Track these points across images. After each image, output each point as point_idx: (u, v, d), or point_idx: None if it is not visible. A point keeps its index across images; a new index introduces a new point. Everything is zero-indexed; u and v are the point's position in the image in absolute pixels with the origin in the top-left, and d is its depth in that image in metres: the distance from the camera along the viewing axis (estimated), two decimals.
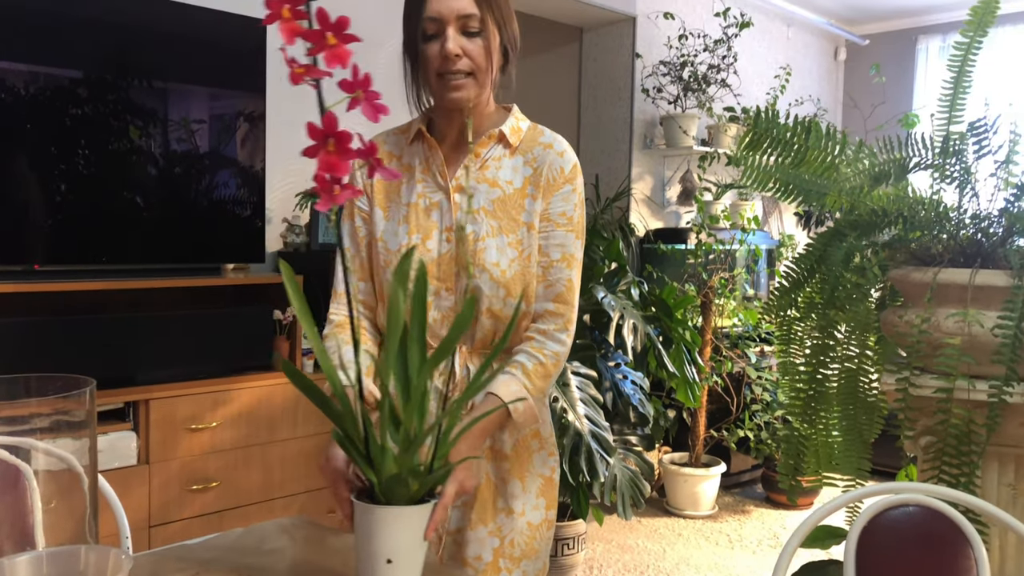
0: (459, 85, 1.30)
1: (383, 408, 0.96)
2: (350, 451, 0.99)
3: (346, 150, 0.85)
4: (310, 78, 0.84)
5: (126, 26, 2.58)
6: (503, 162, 1.38)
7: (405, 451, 0.97)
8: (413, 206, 1.37)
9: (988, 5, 1.71)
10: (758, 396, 4.08)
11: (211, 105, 2.83)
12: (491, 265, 1.33)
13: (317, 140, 0.86)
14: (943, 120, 1.77)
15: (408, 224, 1.36)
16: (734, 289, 4.16)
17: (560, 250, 1.36)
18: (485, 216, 1.35)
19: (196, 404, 2.50)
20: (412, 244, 1.35)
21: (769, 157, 1.87)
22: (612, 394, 3.08)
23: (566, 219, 1.36)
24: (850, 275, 1.79)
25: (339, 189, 0.86)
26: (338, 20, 0.84)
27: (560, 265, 1.36)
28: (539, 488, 1.43)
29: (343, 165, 0.86)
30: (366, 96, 0.87)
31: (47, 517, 0.91)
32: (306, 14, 0.84)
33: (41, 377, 0.90)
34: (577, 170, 1.39)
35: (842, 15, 5.80)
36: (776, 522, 3.85)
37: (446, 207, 1.36)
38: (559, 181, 1.37)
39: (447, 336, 1.02)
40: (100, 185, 2.52)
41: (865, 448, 1.83)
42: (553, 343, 1.35)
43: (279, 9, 0.83)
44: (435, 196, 1.37)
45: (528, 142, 1.40)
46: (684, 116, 4.52)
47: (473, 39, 1.29)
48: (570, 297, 1.37)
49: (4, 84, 2.32)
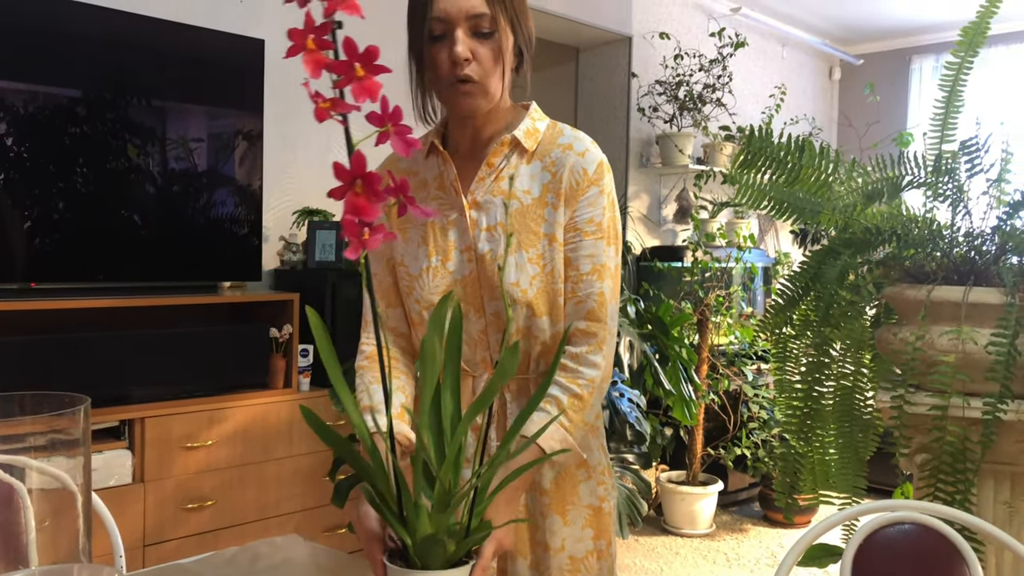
0: (469, 91, 1.19)
1: (416, 464, 0.90)
2: (381, 510, 0.92)
3: (375, 192, 0.79)
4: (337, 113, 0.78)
5: (125, 45, 2.59)
6: (520, 170, 1.26)
7: (440, 509, 0.90)
8: (431, 226, 1.28)
9: (979, 26, 1.73)
10: (755, 414, 4.08)
11: (209, 124, 2.84)
12: (510, 285, 1.23)
13: (344, 181, 0.79)
14: (935, 139, 1.78)
15: (427, 246, 1.27)
16: (730, 307, 4.17)
17: (590, 261, 1.23)
18: (503, 232, 1.24)
19: (192, 422, 2.49)
20: (432, 266, 1.27)
21: (763, 175, 1.88)
22: (609, 412, 3.08)
23: (595, 225, 1.24)
24: (845, 293, 1.79)
25: (368, 233, 0.79)
26: (367, 50, 0.78)
27: (591, 278, 1.23)
28: (585, 520, 1.31)
29: (372, 208, 0.79)
30: (396, 130, 0.80)
31: (40, 536, 0.91)
32: (332, 44, 0.78)
33: (35, 395, 0.90)
34: (604, 168, 1.27)
35: (836, 35, 5.85)
36: (774, 540, 3.84)
37: (463, 225, 1.26)
38: (583, 184, 1.24)
39: (487, 387, 0.94)
40: (98, 203, 2.53)
41: (861, 466, 1.83)
42: (587, 368, 1.22)
43: (303, 40, 0.77)
44: (451, 214, 1.27)
45: (546, 144, 1.28)
46: (680, 135, 4.54)
47: (484, 41, 1.18)
48: (602, 313, 1.24)
49: (3, 103, 2.33)
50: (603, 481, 1.34)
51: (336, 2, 0.77)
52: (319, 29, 0.77)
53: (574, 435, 1.20)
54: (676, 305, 3.93)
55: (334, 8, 0.77)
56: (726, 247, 4.28)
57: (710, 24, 5.02)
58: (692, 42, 4.88)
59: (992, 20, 1.74)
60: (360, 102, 0.78)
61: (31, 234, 2.41)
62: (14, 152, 2.36)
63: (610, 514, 1.35)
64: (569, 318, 1.25)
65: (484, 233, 1.25)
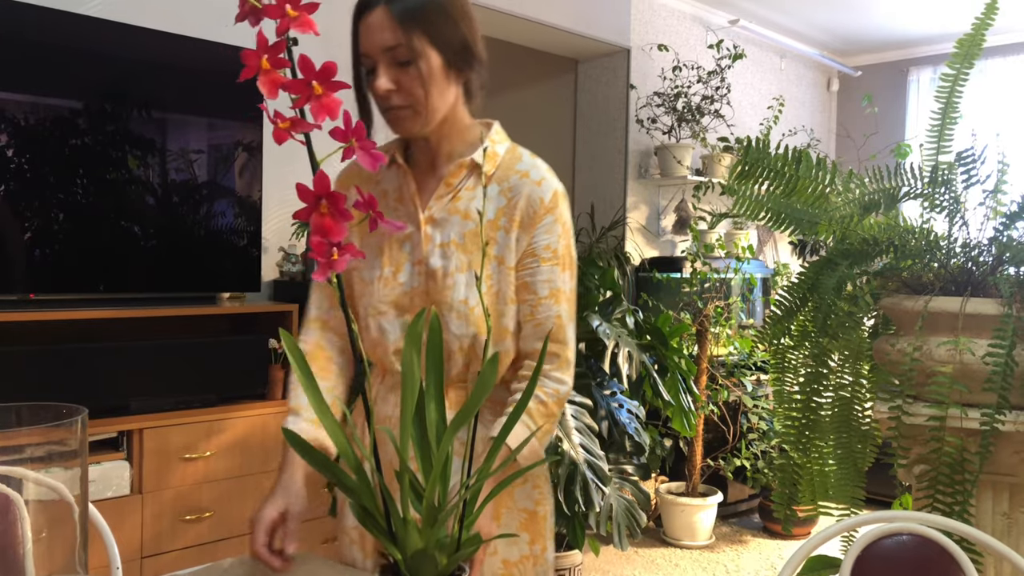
0: (400, 116, 1.24)
1: (403, 478, 0.90)
2: (370, 526, 0.92)
3: (341, 211, 0.78)
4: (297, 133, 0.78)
5: (126, 57, 2.60)
6: (477, 191, 1.29)
7: (430, 524, 0.90)
8: (387, 236, 1.32)
9: (974, 38, 1.74)
10: (754, 425, 4.07)
11: (209, 135, 2.85)
12: (458, 302, 1.26)
13: (309, 202, 0.79)
14: (932, 150, 1.79)
15: (382, 256, 1.31)
16: (729, 318, 4.17)
17: (548, 286, 1.28)
18: (456, 250, 1.28)
19: (190, 433, 2.49)
20: (384, 276, 1.30)
21: (761, 187, 1.88)
22: (608, 423, 3.08)
23: (551, 252, 1.28)
24: (842, 303, 1.80)
25: (337, 253, 0.79)
26: (324, 67, 0.77)
27: (548, 302, 1.28)
28: (520, 523, 1.33)
29: (339, 227, 0.79)
30: (361, 145, 0.80)
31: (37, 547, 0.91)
32: (288, 62, 0.77)
33: (33, 406, 0.90)
34: (559, 197, 1.30)
35: (834, 47, 5.87)
36: (773, 552, 3.82)
37: (417, 239, 1.29)
38: (540, 213, 1.28)
39: (470, 398, 0.94)
40: (98, 214, 2.53)
41: (859, 477, 1.82)
42: (552, 381, 1.28)
43: (257, 61, 0.76)
44: (407, 228, 1.30)
45: (504, 169, 1.30)
46: (678, 146, 4.56)
47: (406, 69, 1.20)
48: (562, 334, 1.29)
49: (4, 114, 2.34)
50: (539, 485, 1.36)
51: (289, 20, 0.76)
52: (273, 48, 0.76)
53: (541, 442, 1.26)
54: (675, 316, 3.94)
55: (287, 26, 0.76)
56: (725, 258, 4.28)
57: (708, 36, 5.04)
58: (690, 54, 4.90)
59: (989, 32, 1.75)
60: (320, 120, 0.77)
61: (31, 245, 2.41)
62: (15, 163, 2.37)
63: (545, 519, 1.37)
64: (528, 339, 1.29)
65: (438, 249, 1.28)
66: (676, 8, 4.90)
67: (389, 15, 1.19)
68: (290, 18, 0.75)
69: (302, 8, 0.75)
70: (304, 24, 0.75)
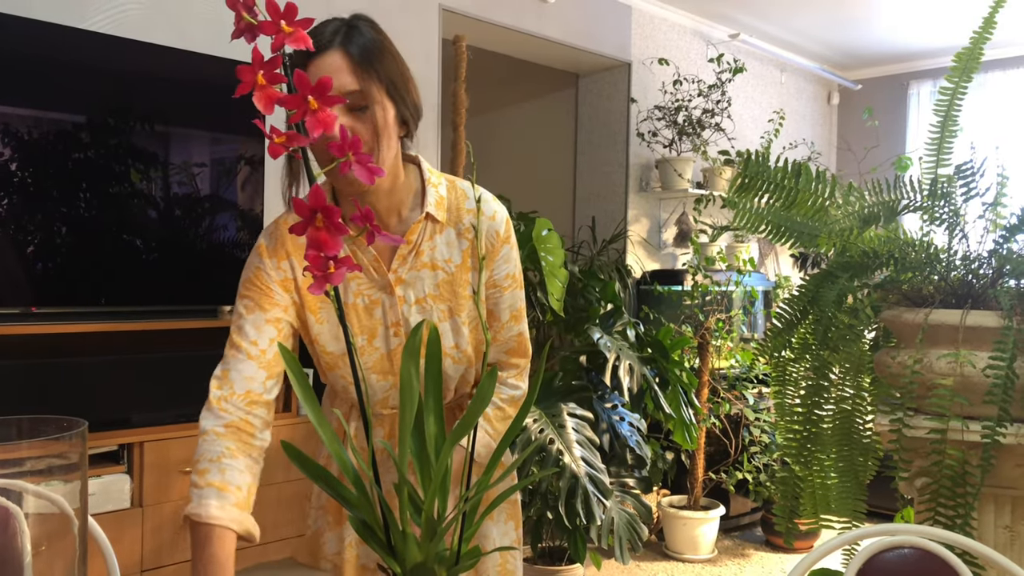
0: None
1: (401, 491, 0.90)
2: (368, 539, 0.92)
3: (336, 225, 0.78)
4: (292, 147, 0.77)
5: (129, 72, 2.62)
6: (436, 240, 1.27)
7: (429, 537, 0.90)
8: (352, 307, 1.25)
9: (972, 51, 1.75)
10: (756, 438, 4.06)
11: (212, 149, 2.86)
12: (451, 349, 1.29)
13: (304, 216, 0.78)
14: (931, 163, 1.79)
15: (350, 326, 1.25)
16: (731, 330, 4.17)
17: (509, 310, 1.34)
18: (433, 302, 1.27)
19: (190, 447, 2.49)
20: (359, 346, 1.26)
21: (761, 199, 1.89)
22: (609, 436, 3.07)
23: (511, 279, 1.33)
24: (843, 316, 1.80)
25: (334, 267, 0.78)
26: (319, 82, 0.77)
27: (511, 324, 1.35)
28: (507, 513, 1.43)
29: (334, 241, 0.78)
30: (357, 159, 0.80)
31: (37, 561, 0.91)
32: (284, 78, 0.77)
33: (34, 419, 0.90)
34: (510, 225, 1.32)
35: (835, 61, 5.89)
36: (776, 566, 3.81)
37: (390, 303, 1.26)
38: (498, 245, 1.30)
39: (468, 411, 0.95)
40: (100, 228, 2.54)
41: (861, 490, 1.82)
42: (510, 388, 1.36)
43: (253, 77, 0.76)
44: (375, 294, 1.26)
45: (454, 211, 1.28)
46: (679, 159, 4.57)
47: (360, 116, 1.15)
48: (523, 348, 1.37)
49: (8, 129, 2.36)
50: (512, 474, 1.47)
51: (284, 36, 0.76)
52: (269, 64, 0.76)
53: (495, 440, 1.32)
54: (676, 329, 3.93)
55: (282, 42, 0.76)
56: (726, 271, 4.29)
57: (709, 50, 5.06)
58: (691, 68, 4.92)
59: (988, 46, 1.76)
60: (315, 135, 0.77)
61: (34, 258, 2.42)
62: (18, 177, 2.38)
63: (518, 501, 1.47)
64: (492, 355, 1.35)
65: (415, 307, 1.26)
66: (677, 22, 4.92)
67: (348, 58, 1.13)
68: (285, 34, 0.75)
69: (296, 24, 0.76)
70: (299, 39, 0.76)
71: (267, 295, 1.25)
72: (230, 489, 1.12)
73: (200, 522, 1.09)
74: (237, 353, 1.22)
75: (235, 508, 1.11)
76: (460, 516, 0.93)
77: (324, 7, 3.28)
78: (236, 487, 1.13)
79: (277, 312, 1.24)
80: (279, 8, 0.78)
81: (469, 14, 3.81)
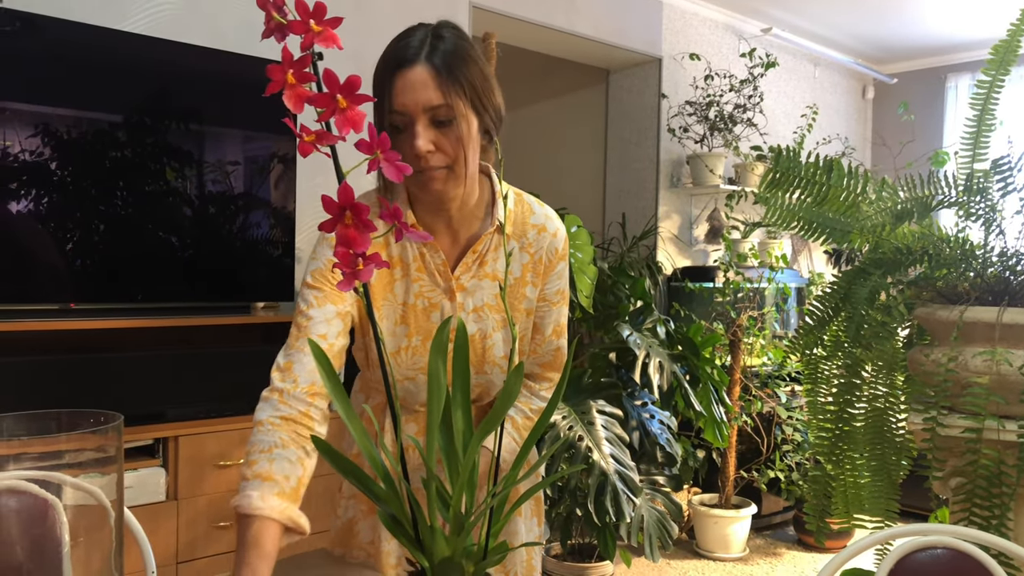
0: (436, 178, 1.18)
1: (429, 486, 0.91)
2: (398, 534, 0.92)
3: (365, 222, 0.78)
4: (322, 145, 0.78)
5: (165, 72, 2.66)
6: (500, 252, 1.30)
7: (457, 532, 0.90)
8: (411, 307, 1.27)
9: (1010, 44, 1.72)
10: (789, 436, 4.03)
11: (245, 147, 2.90)
12: (501, 360, 1.29)
13: (333, 214, 0.79)
14: (967, 158, 1.76)
15: (407, 326, 1.27)
16: (763, 328, 4.13)
17: (552, 325, 1.35)
18: (489, 312, 1.29)
19: (224, 441, 2.52)
20: (412, 346, 1.27)
21: (792, 195, 1.87)
22: (639, 433, 3.06)
23: (560, 295, 1.35)
24: (875, 313, 1.78)
25: (362, 264, 0.79)
26: (348, 80, 0.77)
27: (552, 339, 1.36)
28: (532, 509, 1.44)
29: (363, 238, 0.79)
30: (385, 157, 0.80)
31: (75, 551, 0.93)
32: (313, 76, 0.78)
33: (72, 413, 0.93)
34: (567, 243, 1.35)
35: (869, 54, 5.81)
36: (808, 565, 3.77)
37: (448, 309, 1.28)
38: (555, 261, 1.33)
39: (494, 408, 0.95)
40: (136, 225, 2.59)
41: (893, 489, 1.80)
42: (539, 400, 1.37)
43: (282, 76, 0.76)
44: (435, 298, 1.28)
45: (519, 225, 1.31)
46: (711, 155, 4.54)
47: (445, 129, 1.16)
48: (559, 363, 1.38)
49: (49, 128, 2.41)
50: (538, 472, 1.48)
51: (313, 35, 0.76)
52: (298, 63, 0.77)
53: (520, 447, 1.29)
54: (707, 326, 3.91)
55: (312, 41, 0.77)
56: (758, 267, 4.25)
57: (741, 45, 5.02)
58: (723, 63, 4.88)
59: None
60: (345, 133, 0.78)
61: (72, 255, 2.47)
62: (57, 176, 2.43)
63: (541, 497, 1.49)
64: (528, 364, 1.38)
65: (472, 315, 1.28)
66: (708, 17, 4.89)
67: (434, 72, 1.15)
68: (314, 33, 0.76)
69: (326, 23, 0.77)
70: (328, 39, 0.77)
71: (331, 285, 1.25)
72: (276, 478, 1.11)
73: (242, 513, 1.09)
74: (304, 346, 1.21)
75: (277, 498, 1.09)
76: (488, 511, 0.93)
77: (353, 6, 3.30)
78: (284, 476, 1.12)
79: (345, 307, 1.24)
80: (308, 7, 0.79)
81: (499, 11, 3.81)
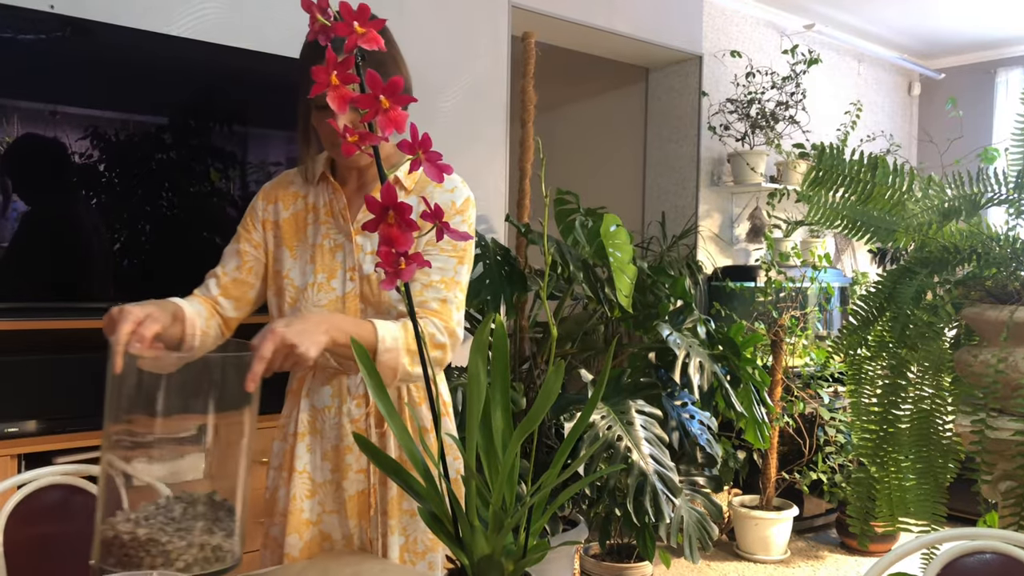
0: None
1: (469, 484, 0.92)
2: (437, 531, 0.94)
3: (408, 221, 0.80)
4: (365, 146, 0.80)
5: (209, 74, 2.71)
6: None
7: (496, 529, 0.91)
8: (319, 247, 1.45)
9: None
10: (831, 438, 3.97)
11: (287, 148, 2.94)
12: (396, 301, 1.40)
13: (376, 213, 0.81)
14: (1018, 154, 1.72)
15: (314, 264, 1.44)
16: (805, 328, 4.08)
17: (441, 274, 1.40)
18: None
19: (262, 438, 2.56)
20: (318, 282, 1.42)
21: (835, 193, 1.84)
22: (679, 434, 3.04)
23: (450, 245, 1.41)
24: (921, 313, 1.74)
25: (404, 262, 0.81)
26: (391, 82, 0.79)
27: (439, 285, 1.40)
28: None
29: (406, 237, 0.81)
30: (427, 156, 0.82)
31: None
32: (357, 78, 0.79)
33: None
34: (469, 203, 1.45)
35: (916, 50, 5.70)
36: (851, 569, 3.71)
37: (349, 248, 1.44)
38: (451, 213, 1.42)
39: (533, 409, 0.97)
40: (182, 226, 2.64)
41: (940, 492, 1.76)
42: (431, 326, 1.35)
43: (327, 78, 0.78)
44: (339, 238, 1.45)
45: (423, 183, 1.46)
46: (752, 153, 4.49)
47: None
48: (445, 315, 1.38)
49: (97, 131, 2.46)
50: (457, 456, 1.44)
51: (357, 36, 0.77)
52: (342, 64, 0.78)
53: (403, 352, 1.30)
54: (748, 326, 3.87)
55: (355, 43, 0.78)
56: (801, 266, 4.19)
57: (783, 41, 4.95)
58: (764, 60, 4.83)
59: None
60: (387, 133, 0.79)
61: (120, 255, 2.52)
62: (106, 177, 2.48)
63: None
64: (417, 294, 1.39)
65: (369, 256, 1.41)
66: (749, 14, 4.83)
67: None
68: (358, 35, 0.77)
69: (369, 25, 0.78)
70: (371, 40, 0.78)
71: (248, 231, 1.51)
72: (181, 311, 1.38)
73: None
74: (209, 277, 1.53)
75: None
76: (527, 510, 0.94)
77: (397, 8, 3.32)
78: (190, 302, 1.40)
79: (248, 247, 1.50)
80: (352, 9, 0.80)
81: (539, 11, 3.81)
